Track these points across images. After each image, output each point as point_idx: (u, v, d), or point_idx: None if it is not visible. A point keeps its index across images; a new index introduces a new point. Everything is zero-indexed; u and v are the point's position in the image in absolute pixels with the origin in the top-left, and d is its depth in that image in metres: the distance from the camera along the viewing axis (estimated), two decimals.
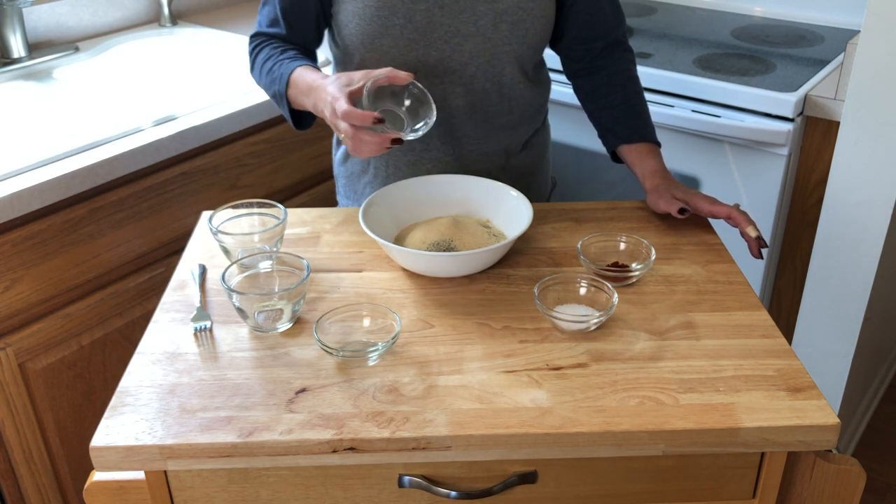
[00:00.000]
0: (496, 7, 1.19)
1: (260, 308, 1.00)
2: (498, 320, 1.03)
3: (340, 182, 1.43)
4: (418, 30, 1.19)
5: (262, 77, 1.26)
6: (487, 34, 1.21)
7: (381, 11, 1.18)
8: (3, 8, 1.73)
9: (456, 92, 1.25)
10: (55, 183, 1.35)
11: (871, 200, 1.57)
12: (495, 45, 1.22)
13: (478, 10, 1.19)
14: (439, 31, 1.20)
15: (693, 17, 2.22)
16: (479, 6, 1.19)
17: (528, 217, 1.13)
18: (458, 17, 1.19)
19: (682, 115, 1.77)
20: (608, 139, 1.32)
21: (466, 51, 1.21)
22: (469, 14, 1.19)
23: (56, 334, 1.43)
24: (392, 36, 1.19)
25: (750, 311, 1.05)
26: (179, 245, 1.59)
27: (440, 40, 1.20)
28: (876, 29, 1.46)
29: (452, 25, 1.20)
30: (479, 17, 1.20)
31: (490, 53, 1.23)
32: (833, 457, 0.93)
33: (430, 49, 1.20)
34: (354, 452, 0.85)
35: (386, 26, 1.18)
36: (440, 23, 1.19)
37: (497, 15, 1.20)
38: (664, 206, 1.20)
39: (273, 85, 1.23)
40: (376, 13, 1.18)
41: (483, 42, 1.21)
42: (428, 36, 1.20)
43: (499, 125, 1.30)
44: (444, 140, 1.29)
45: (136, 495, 0.91)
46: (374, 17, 1.18)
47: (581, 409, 0.88)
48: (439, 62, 1.22)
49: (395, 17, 1.18)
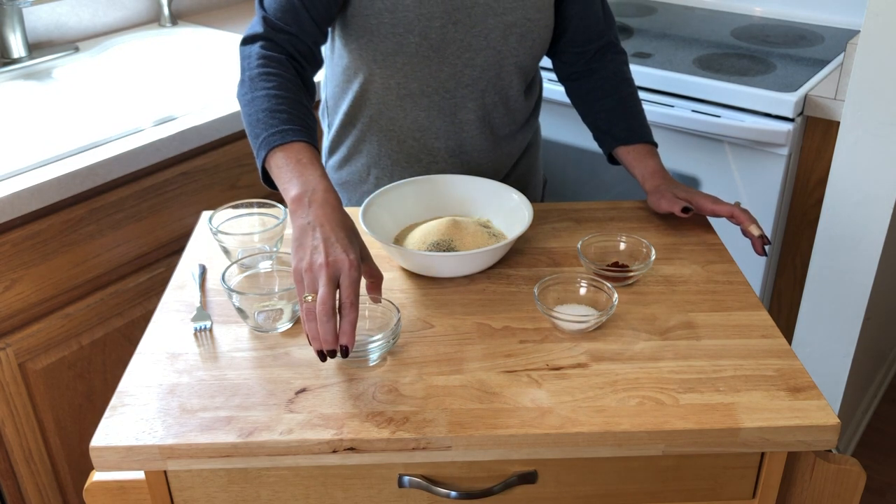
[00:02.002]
0: (506, 20, 1.19)
1: (260, 308, 1.00)
2: (498, 320, 1.03)
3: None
4: (433, 47, 1.17)
5: (253, 106, 1.04)
6: (497, 47, 1.20)
7: (396, 29, 1.15)
8: (3, 8, 1.73)
9: (468, 106, 1.24)
10: (55, 183, 1.35)
11: (871, 200, 1.57)
12: (504, 57, 1.21)
13: (488, 24, 1.18)
14: (452, 47, 1.18)
15: (693, 17, 2.22)
16: (490, 20, 1.18)
17: (528, 217, 1.13)
18: (470, 32, 1.18)
19: (682, 115, 1.77)
20: (605, 141, 1.31)
21: (478, 64, 1.21)
22: (480, 28, 1.18)
23: (56, 334, 1.43)
24: (406, 53, 1.17)
25: (750, 311, 1.05)
26: (179, 245, 1.60)
27: (453, 55, 1.19)
28: (876, 29, 1.46)
29: (465, 40, 1.18)
30: (489, 31, 1.19)
31: (499, 66, 1.22)
32: (833, 457, 0.93)
33: (442, 65, 1.19)
34: (354, 452, 0.85)
35: (401, 44, 1.16)
36: (454, 38, 1.18)
37: (507, 27, 1.19)
38: (666, 206, 1.19)
39: (260, 130, 1.02)
40: (391, 30, 1.15)
41: (493, 55, 1.21)
42: (441, 52, 1.18)
43: (503, 135, 1.31)
44: (453, 153, 1.28)
45: (136, 495, 0.91)
46: (389, 35, 1.16)
47: (581, 409, 0.88)
48: (451, 77, 1.21)
49: (411, 34, 1.16)
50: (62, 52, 1.84)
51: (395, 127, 1.26)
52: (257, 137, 1.02)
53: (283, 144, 1.00)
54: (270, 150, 1.00)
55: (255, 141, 1.03)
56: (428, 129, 1.26)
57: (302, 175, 0.97)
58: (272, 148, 1.00)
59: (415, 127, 1.26)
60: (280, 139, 1.00)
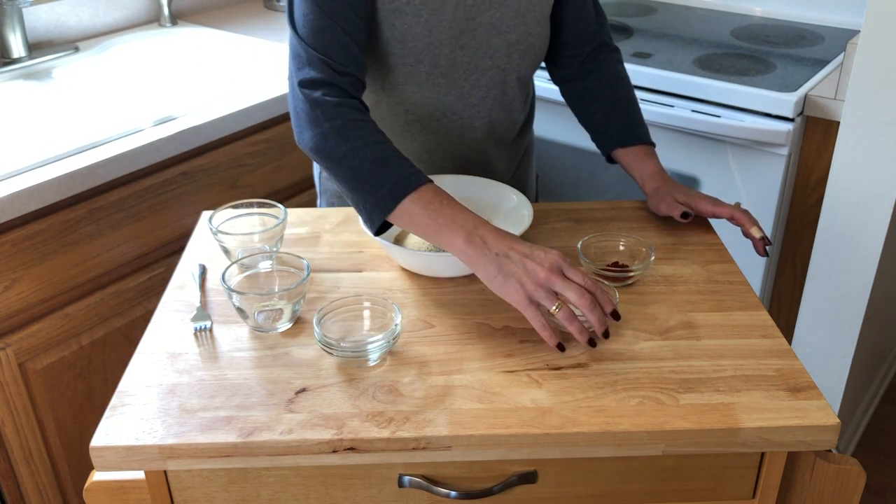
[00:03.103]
0: (509, 38, 1.18)
1: (260, 308, 1.00)
2: (498, 320, 1.03)
3: (324, 198, 1.37)
4: (442, 73, 1.17)
5: (355, 159, 1.00)
6: (502, 65, 1.20)
7: (406, 59, 1.14)
8: (3, 8, 1.73)
9: (475, 126, 1.24)
10: (55, 183, 1.35)
11: (871, 200, 1.57)
12: (507, 73, 1.21)
13: (493, 44, 1.18)
14: (460, 71, 1.18)
15: (693, 17, 2.22)
16: (494, 39, 1.18)
17: (528, 217, 1.13)
18: (476, 54, 1.18)
19: (682, 115, 1.77)
20: (603, 143, 1.31)
21: (484, 84, 1.21)
22: (486, 49, 1.18)
23: (56, 334, 1.43)
24: (416, 82, 1.17)
25: (750, 311, 1.05)
26: (179, 245, 1.60)
27: (461, 79, 1.19)
28: (876, 29, 1.46)
29: (472, 63, 1.18)
30: (494, 51, 1.18)
31: (503, 83, 1.22)
32: (833, 457, 0.93)
33: (451, 89, 1.19)
34: (354, 452, 0.85)
35: (411, 73, 1.16)
36: (461, 63, 1.17)
37: (510, 45, 1.19)
38: (666, 210, 1.19)
39: (381, 182, 0.99)
40: (400, 60, 1.14)
41: (498, 73, 1.21)
42: (450, 77, 1.18)
43: (505, 146, 1.31)
44: (461, 170, 1.28)
45: (136, 495, 0.91)
46: (398, 65, 1.15)
47: (581, 409, 0.88)
48: (458, 100, 1.21)
49: (421, 64, 1.15)
50: (62, 52, 1.84)
51: (402, 151, 1.24)
52: (376, 189, 0.99)
53: (414, 191, 0.98)
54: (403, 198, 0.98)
55: (373, 193, 1.00)
56: (435, 150, 1.26)
57: (453, 218, 0.97)
58: (404, 196, 0.98)
59: (423, 149, 1.26)
60: (407, 187, 0.98)
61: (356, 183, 1.01)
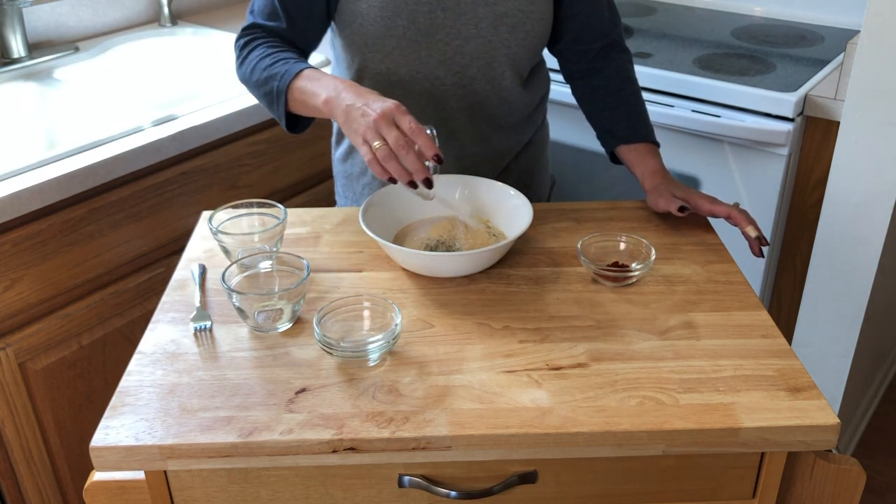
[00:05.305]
0: (496, 10, 1.20)
1: (260, 308, 1.00)
2: (498, 320, 1.03)
3: (339, 181, 1.43)
4: (421, 31, 1.19)
5: (256, 72, 1.18)
6: (488, 37, 1.21)
7: (385, 12, 1.18)
8: (3, 8, 1.73)
9: (457, 94, 1.25)
10: (55, 183, 1.35)
11: (871, 200, 1.57)
12: (495, 47, 1.22)
13: (479, 13, 1.19)
14: (441, 33, 1.20)
15: (693, 17, 2.22)
16: (480, 8, 1.19)
17: (528, 217, 1.13)
18: (459, 20, 1.19)
19: (682, 115, 1.77)
20: (607, 140, 1.32)
21: (467, 53, 1.22)
22: (470, 16, 1.19)
23: (56, 334, 1.43)
24: (395, 37, 1.19)
25: (750, 311, 1.05)
26: (179, 245, 1.59)
27: (442, 42, 1.20)
28: (876, 29, 1.46)
29: (454, 27, 1.20)
30: (479, 20, 1.20)
31: (490, 56, 1.23)
32: (833, 457, 0.93)
33: (431, 51, 1.21)
34: (354, 452, 0.85)
35: (389, 27, 1.18)
36: (442, 24, 1.19)
37: (497, 17, 1.20)
38: (664, 205, 1.20)
39: (271, 81, 1.15)
40: (379, 14, 1.18)
41: (483, 44, 1.21)
42: (430, 37, 1.20)
43: (498, 126, 1.31)
44: (444, 142, 1.29)
45: (136, 495, 0.91)
46: (378, 18, 1.18)
47: (581, 409, 0.88)
48: (441, 64, 1.22)
49: (399, 17, 1.18)
50: (62, 52, 1.84)
51: None
52: (268, 94, 1.15)
53: (293, 79, 1.12)
54: (287, 89, 1.12)
55: (265, 99, 1.17)
56: (418, 116, 1.26)
57: (321, 84, 1.09)
58: (287, 87, 1.12)
59: None
60: (289, 78, 1.12)
61: (262, 97, 1.18)
